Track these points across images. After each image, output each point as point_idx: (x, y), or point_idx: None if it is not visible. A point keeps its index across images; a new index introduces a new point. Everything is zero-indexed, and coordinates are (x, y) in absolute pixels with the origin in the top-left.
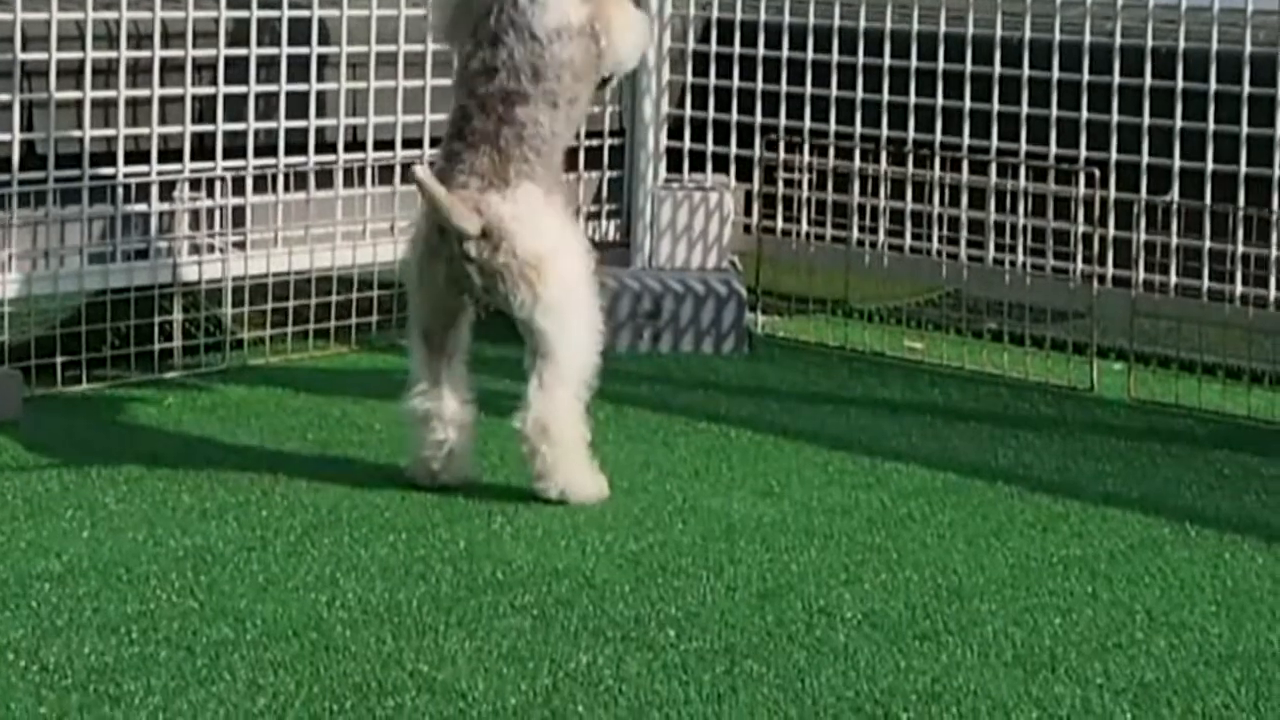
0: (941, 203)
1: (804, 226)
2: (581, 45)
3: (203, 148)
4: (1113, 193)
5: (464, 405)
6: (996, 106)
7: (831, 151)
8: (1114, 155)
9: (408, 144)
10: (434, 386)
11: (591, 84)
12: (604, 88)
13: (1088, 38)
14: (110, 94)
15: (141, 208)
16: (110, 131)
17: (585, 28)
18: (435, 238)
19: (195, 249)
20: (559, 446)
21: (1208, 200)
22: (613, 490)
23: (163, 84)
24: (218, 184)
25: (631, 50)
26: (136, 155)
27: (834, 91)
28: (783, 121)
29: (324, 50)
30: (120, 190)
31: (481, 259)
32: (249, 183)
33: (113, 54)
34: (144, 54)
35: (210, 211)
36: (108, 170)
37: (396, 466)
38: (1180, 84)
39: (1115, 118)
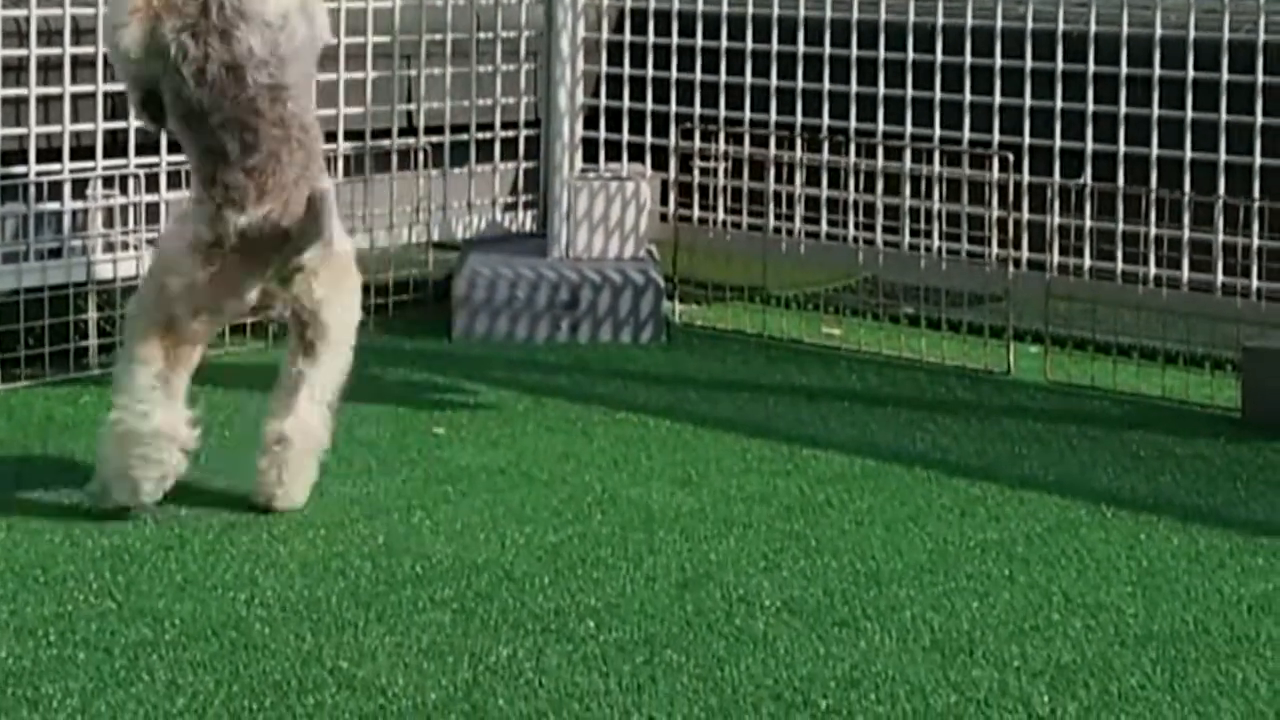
0: (857, 189)
1: (720, 214)
2: (305, 25)
3: (115, 144)
4: (1026, 176)
5: (190, 425)
6: (910, 92)
7: (747, 139)
8: (1027, 139)
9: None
10: (169, 400)
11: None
12: None
13: (999, 22)
14: (21, 91)
15: (54, 206)
16: (21, 130)
17: (300, 12)
18: (267, 247)
19: (110, 246)
20: (316, 458)
21: (1120, 183)
22: (531, 482)
23: (74, 81)
24: (131, 181)
25: (326, 34)
26: (49, 153)
27: (749, 79)
28: (698, 110)
29: None
30: (33, 188)
31: (314, 263)
32: (163, 179)
33: (22, 51)
34: (54, 51)
35: (124, 208)
36: (20, 169)
37: None
38: (1092, 68)
39: (1028, 102)
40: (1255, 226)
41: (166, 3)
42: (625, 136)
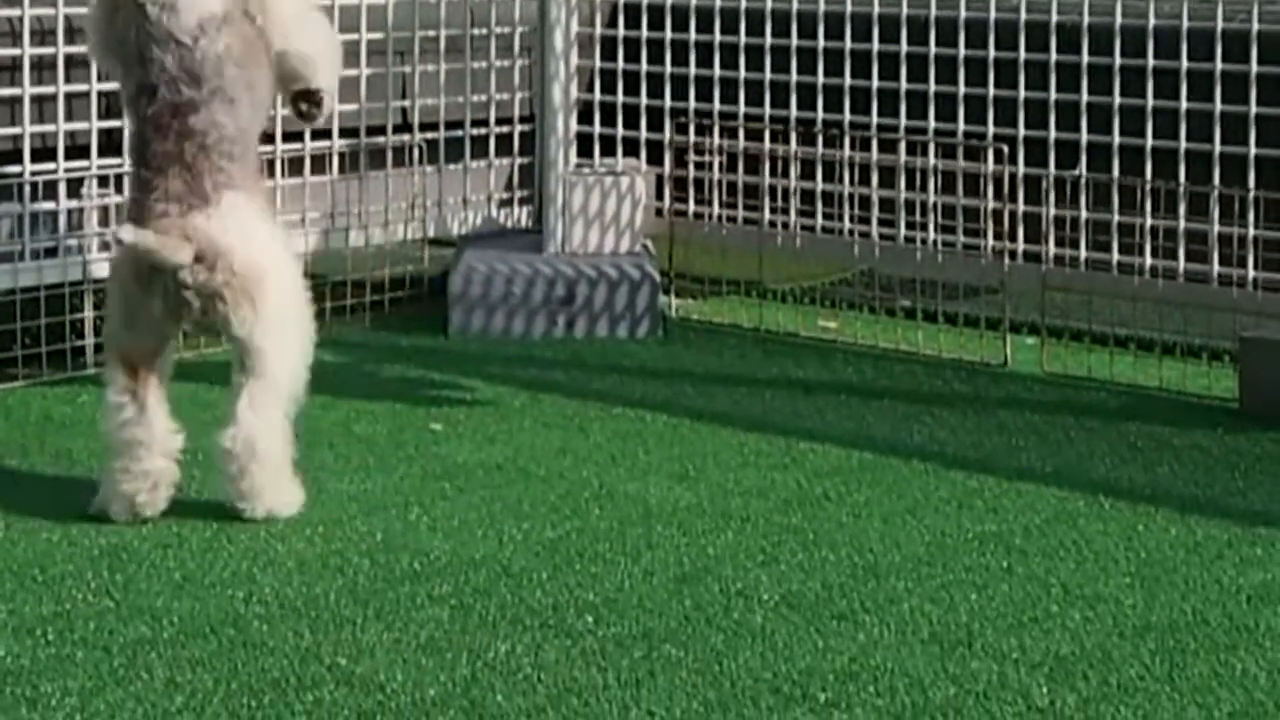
0: (852, 182)
1: (716, 209)
2: (234, 31)
3: (110, 143)
4: (1021, 168)
5: (171, 432)
6: (904, 85)
7: (741, 133)
8: (1022, 131)
9: (316, 135)
10: (140, 413)
11: (266, 65)
12: (314, 106)
13: (993, 14)
14: (15, 91)
15: (50, 205)
16: (16, 129)
17: (232, 14)
18: (147, 272)
19: (105, 245)
20: (267, 466)
21: (1115, 174)
22: (529, 477)
23: (69, 80)
24: (126, 180)
25: (295, 21)
26: (43, 152)
27: (742, 73)
28: (692, 104)
29: None
30: (28, 188)
31: (199, 283)
32: None
33: (16, 51)
34: (48, 50)
35: (119, 207)
36: (15, 168)
37: (310, 460)
38: (1086, 59)
39: (1022, 93)
40: (1251, 217)
41: (106, 18)
42: (620, 131)
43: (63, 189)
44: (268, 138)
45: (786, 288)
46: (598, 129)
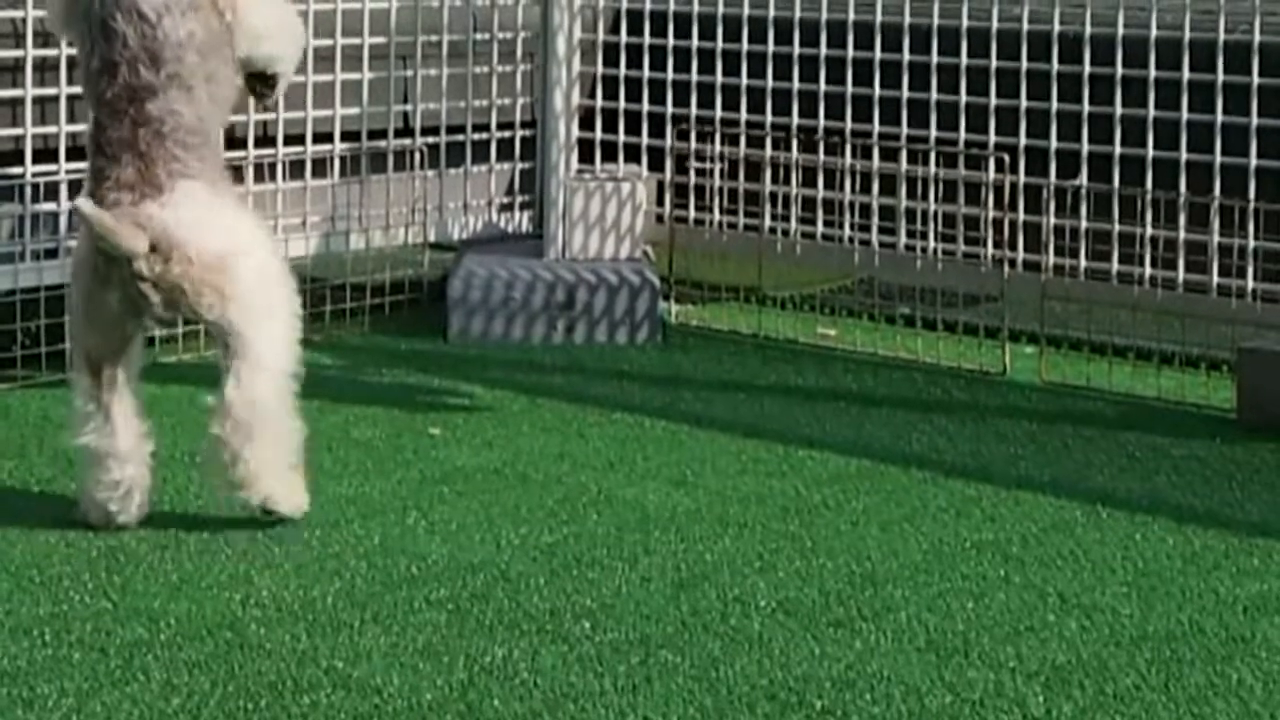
0: (853, 190)
1: (716, 215)
2: (200, 19)
3: None
4: (1022, 177)
5: (139, 439)
6: (906, 93)
7: (743, 140)
8: (1023, 140)
9: (318, 139)
10: (106, 422)
11: (229, 60)
12: (270, 89)
13: (995, 24)
14: (17, 93)
15: (50, 206)
16: (18, 130)
17: (200, 2)
18: (103, 265)
19: None
20: (262, 448)
21: (1116, 184)
22: (527, 482)
23: (70, 82)
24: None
25: (266, 23)
26: (45, 154)
27: (744, 80)
28: (694, 111)
29: None
30: (29, 189)
31: (155, 274)
32: None
33: (19, 53)
34: (50, 52)
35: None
36: (16, 169)
37: (308, 464)
38: (1087, 69)
39: (1024, 103)
40: (1250, 228)
41: None
42: (621, 137)
43: (64, 190)
44: (268, 140)
45: (786, 294)
46: (599, 135)
